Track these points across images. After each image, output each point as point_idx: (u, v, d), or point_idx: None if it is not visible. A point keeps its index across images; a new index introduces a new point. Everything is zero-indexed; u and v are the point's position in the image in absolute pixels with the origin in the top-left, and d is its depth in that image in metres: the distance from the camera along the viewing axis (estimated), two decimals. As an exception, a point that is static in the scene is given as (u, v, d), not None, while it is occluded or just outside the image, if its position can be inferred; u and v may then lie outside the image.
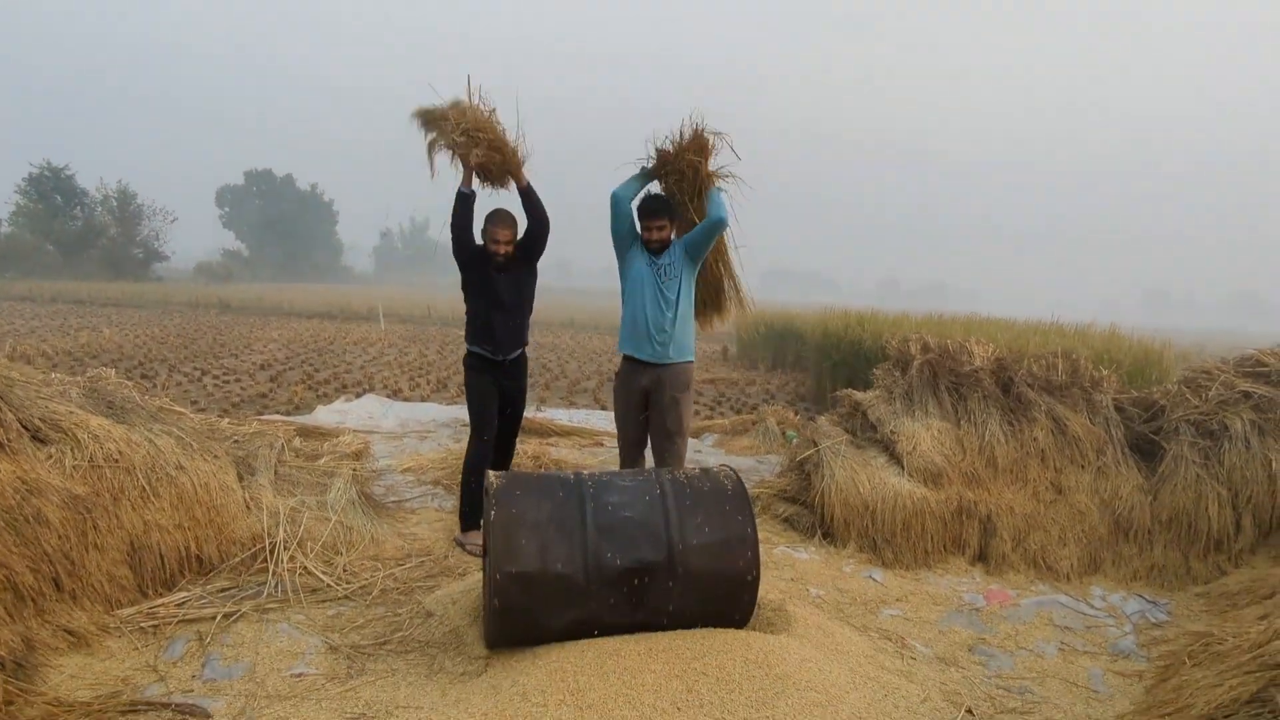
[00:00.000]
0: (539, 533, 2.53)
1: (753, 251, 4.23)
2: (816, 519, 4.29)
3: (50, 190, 43.57)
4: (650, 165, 3.87)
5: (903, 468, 4.25)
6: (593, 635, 2.53)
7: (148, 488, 3.13)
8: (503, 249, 3.78)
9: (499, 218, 3.80)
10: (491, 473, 2.74)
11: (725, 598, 2.67)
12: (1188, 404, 4.28)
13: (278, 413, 7.57)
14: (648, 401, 3.86)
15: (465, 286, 3.90)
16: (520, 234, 3.88)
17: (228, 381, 9.52)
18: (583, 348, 16.85)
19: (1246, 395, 4.19)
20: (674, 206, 3.81)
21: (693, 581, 2.59)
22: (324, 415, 7.12)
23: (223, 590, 3.13)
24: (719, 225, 3.73)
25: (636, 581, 2.55)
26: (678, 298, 3.74)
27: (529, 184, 3.87)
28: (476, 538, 3.81)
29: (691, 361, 3.88)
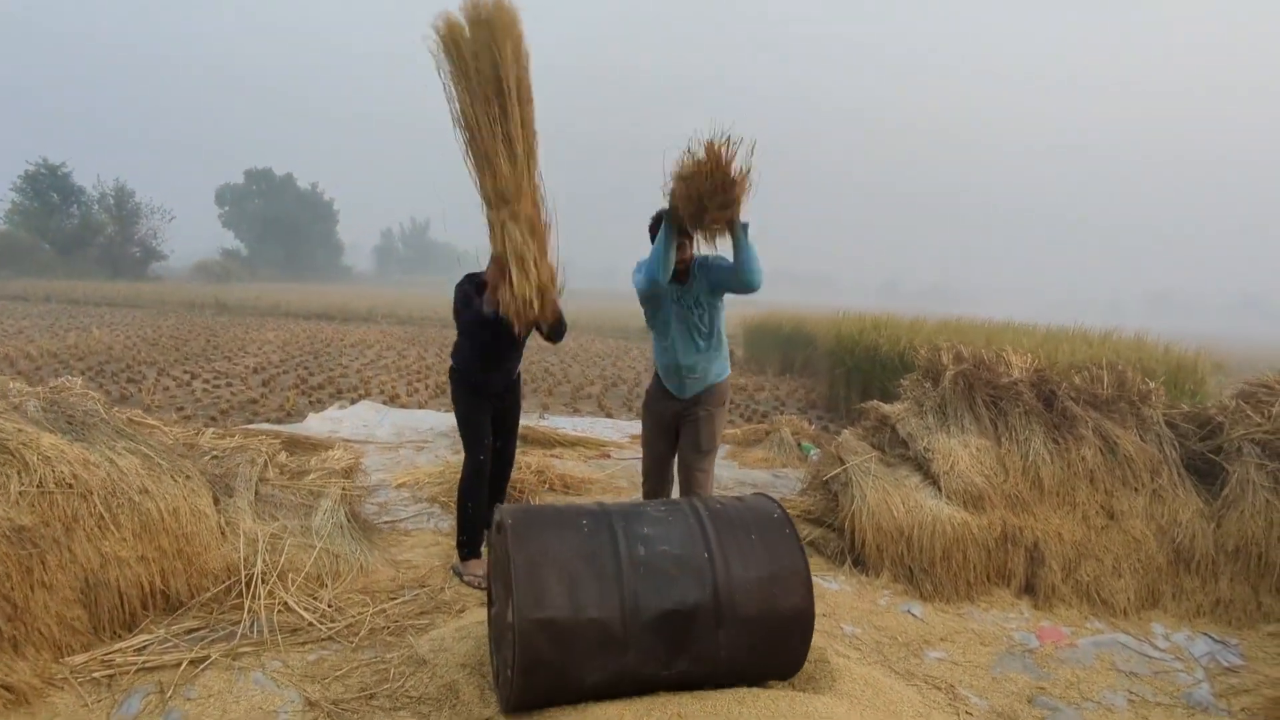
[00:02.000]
0: (567, 571, 2.18)
1: (770, 254, 3.69)
2: (845, 544, 3.94)
3: (46, 188, 43.16)
4: (669, 203, 3.20)
5: (939, 489, 3.90)
6: (627, 692, 2.17)
7: (106, 515, 2.79)
8: None
9: None
10: (502, 507, 2.40)
11: (777, 640, 2.34)
12: (1249, 421, 3.93)
13: (268, 420, 7.22)
14: (679, 421, 3.53)
15: (468, 327, 3.45)
16: None
17: (218, 386, 9.16)
18: (585, 351, 16.47)
19: (1315, 412, 3.84)
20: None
21: (741, 623, 2.26)
22: (315, 424, 6.76)
23: (191, 631, 2.79)
24: (751, 290, 3.25)
25: (679, 625, 2.21)
26: (710, 331, 3.41)
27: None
28: (476, 568, 3.47)
29: (726, 378, 3.53)
